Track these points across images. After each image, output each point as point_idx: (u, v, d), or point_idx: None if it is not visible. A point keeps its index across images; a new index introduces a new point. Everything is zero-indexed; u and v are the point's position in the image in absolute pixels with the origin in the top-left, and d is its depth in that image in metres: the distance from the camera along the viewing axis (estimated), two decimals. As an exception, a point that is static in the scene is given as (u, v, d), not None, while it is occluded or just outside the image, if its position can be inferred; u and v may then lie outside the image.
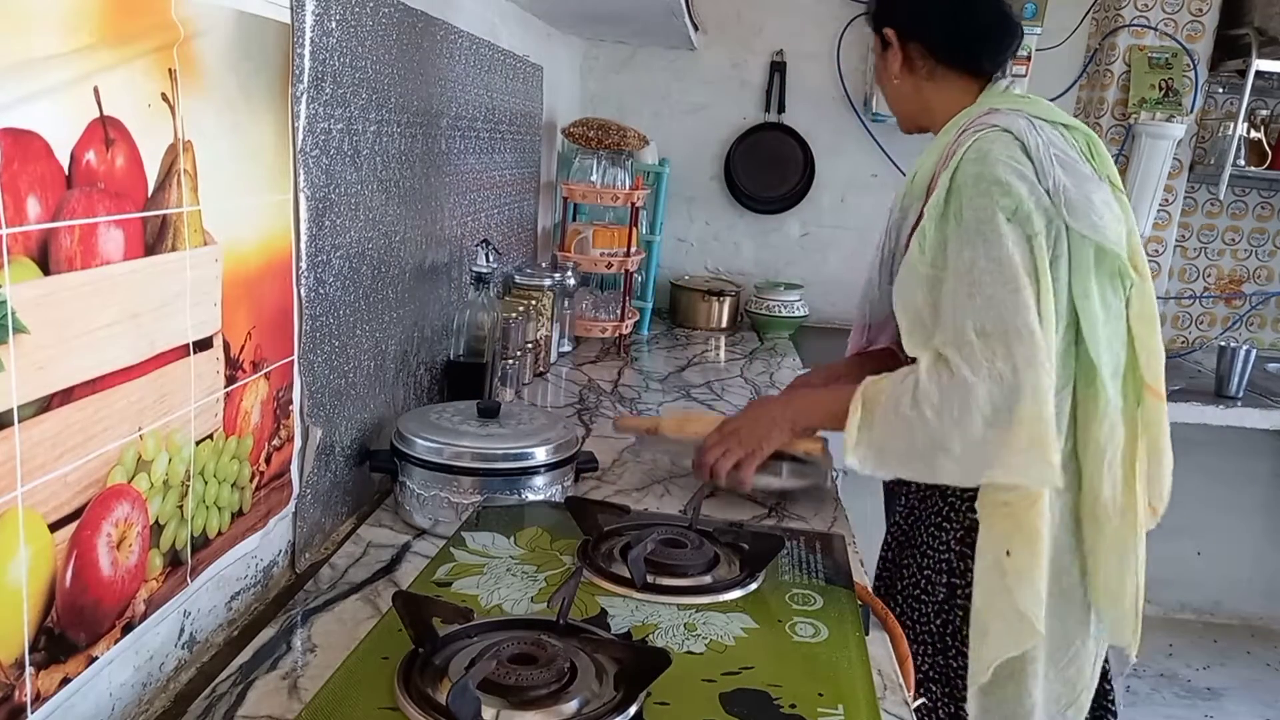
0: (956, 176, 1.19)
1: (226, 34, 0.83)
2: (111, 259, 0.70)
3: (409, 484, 1.20)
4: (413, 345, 1.43)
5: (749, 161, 2.92)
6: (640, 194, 2.26)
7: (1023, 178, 1.17)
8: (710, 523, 1.04)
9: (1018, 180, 1.16)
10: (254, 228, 0.91)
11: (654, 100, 2.91)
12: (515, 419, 1.27)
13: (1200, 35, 2.79)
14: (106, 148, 0.68)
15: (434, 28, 1.40)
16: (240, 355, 0.90)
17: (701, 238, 3.03)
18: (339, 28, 1.07)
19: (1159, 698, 2.83)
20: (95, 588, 0.72)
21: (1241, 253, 3.08)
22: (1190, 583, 3.24)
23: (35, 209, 0.61)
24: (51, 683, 0.69)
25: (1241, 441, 2.91)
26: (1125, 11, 2.77)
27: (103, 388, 0.70)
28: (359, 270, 1.20)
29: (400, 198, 1.32)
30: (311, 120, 1.02)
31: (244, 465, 0.94)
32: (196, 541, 0.87)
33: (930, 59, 1.34)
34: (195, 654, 0.91)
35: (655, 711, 0.69)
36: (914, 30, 1.34)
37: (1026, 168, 1.18)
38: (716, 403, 1.94)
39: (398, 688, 0.69)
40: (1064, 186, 1.18)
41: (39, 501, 0.65)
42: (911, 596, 1.34)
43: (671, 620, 0.83)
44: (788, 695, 0.72)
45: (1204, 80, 2.80)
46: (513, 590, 0.88)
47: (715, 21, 2.81)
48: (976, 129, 1.22)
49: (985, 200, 1.16)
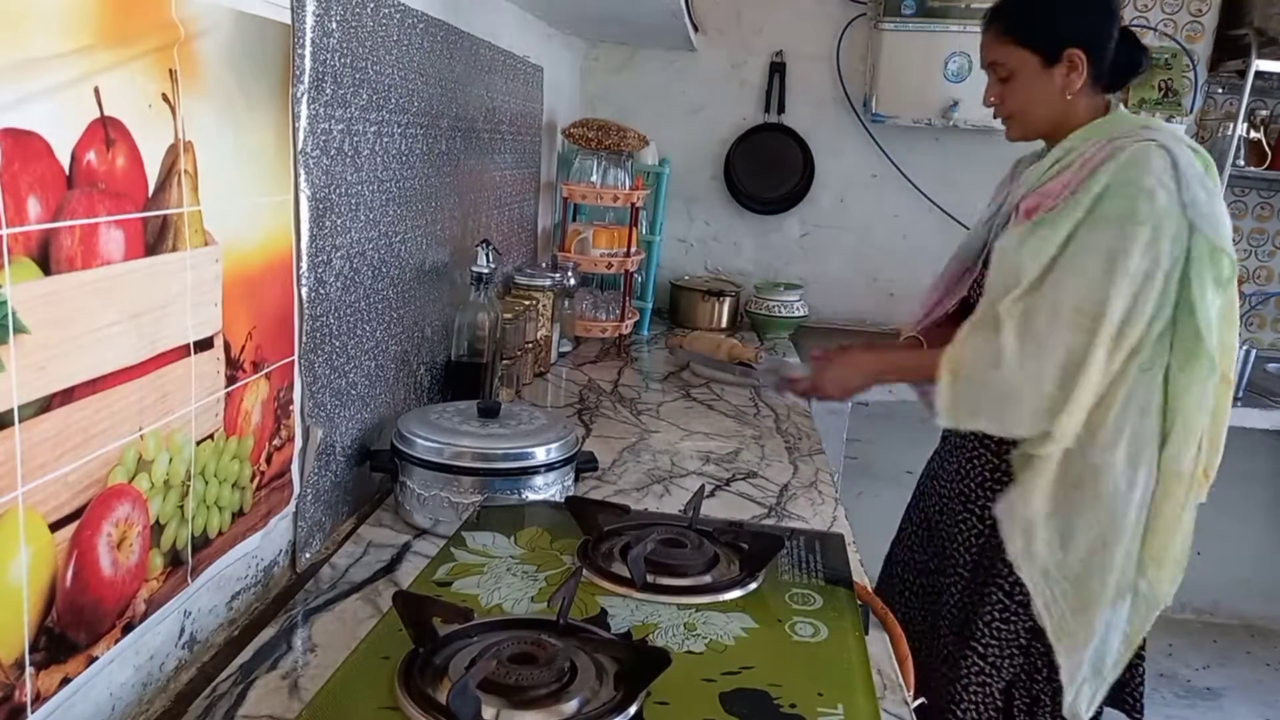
0: (1116, 174, 1.36)
1: (227, 34, 0.83)
2: (112, 259, 0.70)
3: (409, 484, 1.20)
4: (413, 345, 1.43)
5: (749, 162, 2.92)
6: (640, 194, 2.26)
7: (1168, 191, 1.35)
8: (710, 523, 1.04)
9: (1163, 192, 1.35)
10: (254, 228, 0.91)
11: (654, 101, 2.91)
12: (515, 419, 1.27)
13: (1200, 35, 2.79)
14: (107, 148, 0.68)
15: (434, 28, 1.40)
16: (241, 355, 0.91)
17: (701, 238, 3.03)
18: (339, 28, 1.07)
19: (1159, 698, 2.83)
20: (95, 587, 0.72)
21: (1241, 253, 3.08)
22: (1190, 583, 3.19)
23: (36, 209, 0.61)
24: (51, 683, 0.69)
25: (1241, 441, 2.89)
26: (1125, 12, 2.77)
27: (103, 388, 0.71)
28: (359, 270, 1.20)
29: (400, 198, 1.32)
30: (312, 121, 1.02)
31: (244, 465, 0.94)
32: (197, 541, 0.87)
33: (1089, 79, 1.47)
34: (195, 654, 0.91)
35: (655, 711, 0.69)
36: (1097, 53, 1.47)
37: (1172, 182, 1.35)
38: (716, 403, 1.94)
39: (398, 688, 0.69)
40: (1199, 200, 1.36)
41: (39, 501, 0.65)
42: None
43: (671, 620, 0.83)
44: (788, 695, 0.72)
45: (1204, 80, 2.81)
46: (513, 590, 0.88)
47: (715, 22, 2.81)
48: (1136, 139, 1.39)
49: (1129, 203, 1.35)
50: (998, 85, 1.51)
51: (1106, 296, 1.33)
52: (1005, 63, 1.49)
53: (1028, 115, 1.51)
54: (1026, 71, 1.47)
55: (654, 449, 1.61)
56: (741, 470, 1.54)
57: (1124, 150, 1.37)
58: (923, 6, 2.60)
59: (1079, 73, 1.46)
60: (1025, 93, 1.49)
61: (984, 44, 1.53)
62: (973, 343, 1.41)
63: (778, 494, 1.44)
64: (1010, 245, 1.43)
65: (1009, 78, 1.49)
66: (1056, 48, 1.45)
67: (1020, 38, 1.47)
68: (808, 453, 1.66)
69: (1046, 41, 1.46)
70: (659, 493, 1.40)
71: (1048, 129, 1.52)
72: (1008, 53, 1.48)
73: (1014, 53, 1.48)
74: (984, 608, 1.52)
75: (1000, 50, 1.49)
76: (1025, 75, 1.48)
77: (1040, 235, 1.39)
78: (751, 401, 1.97)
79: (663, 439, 1.67)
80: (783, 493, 1.45)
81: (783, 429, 1.80)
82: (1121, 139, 1.40)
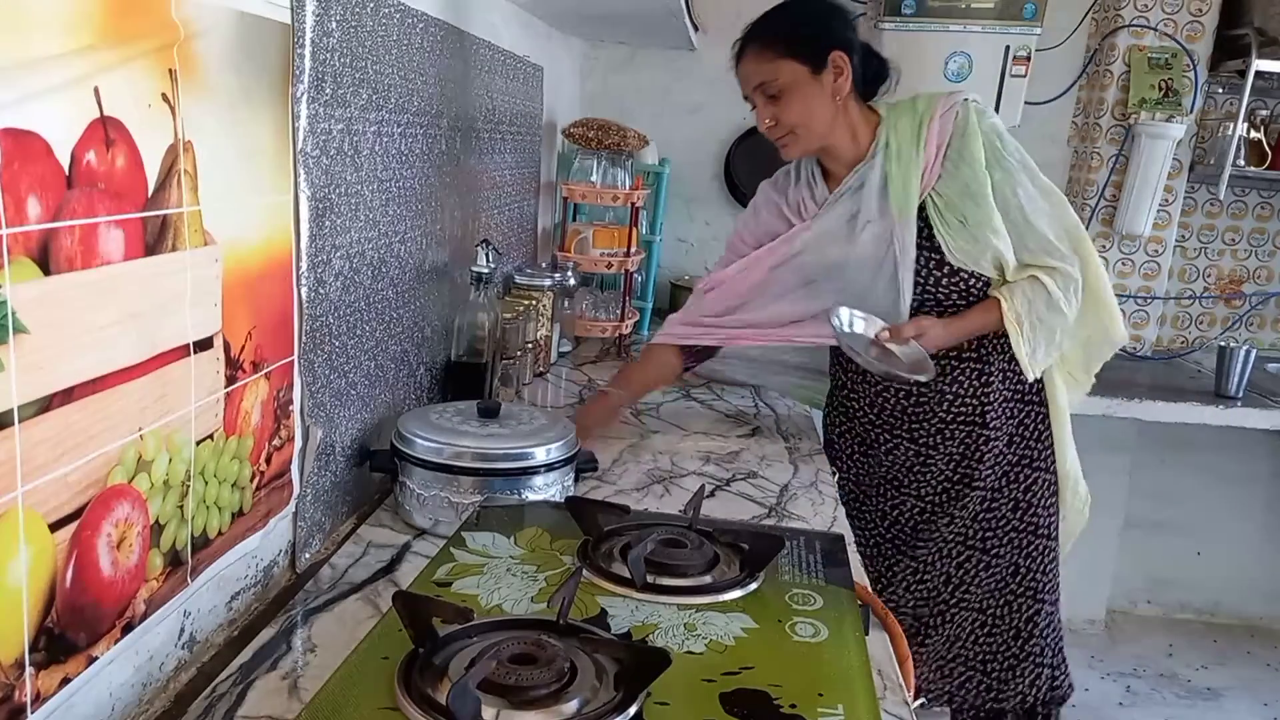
0: (975, 138, 1.52)
1: (227, 34, 0.83)
2: (112, 259, 0.70)
3: (409, 484, 1.20)
4: (413, 345, 1.43)
5: (749, 161, 2.91)
6: (640, 194, 2.26)
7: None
8: (710, 523, 1.04)
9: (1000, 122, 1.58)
10: (254, 228, 0.91)
11: (654, 100, 2.91)
12: (515, 419, 1.27)
13: (1200, 35, 2.79)
14: (107, 148, 0.68)
15: (434, 28, 1.40)
16: (240, 355, 0.90)
17: (701, 238, 3.03)
18: (339, 28, 1.07)
19: (1159, 698, 2.83)
20: (95, 588, 0.72)
21: (1241, 253, 3.08)
22: (1190, 583, 3.24)
23: (35, 209, 0.61)
24: (51, 683, 0.69)
25: (1241, 441, 2.91)
26: (1125, 12, 2.77)
27: (103, 388, 0.70)
28: (359, 270, 1.20)
29: (400, 198, 1.32)
30: (312, 120, 1.02)
31: (244, 465, 0.94)
32: (197, 541, 0.87)
33: (853, 86, 1.54)
34: (195, 654, 0.91)
35: (655, 711, 0.69)
36: (854, 56, 1.53)
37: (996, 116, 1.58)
38: (716, 403, 1.94)
39: (398, 688, 0.69)
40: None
41: (39, 501, 0.65)
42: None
43: (671, 620, 0.83)
44: (788, 695, 0.72)
45: (1204, 80, 2.80)
46: (513, 590, 0.88)
47: (715, 21, 2.80)
48: (952, 102, 1.55)
49: (1013, 143, 1.56)
50: (770, 106, 1.52)
51: (1074, 216, 1.60)
52: (774, 79, 1.50)
53: (809, 126, 1.52)
54: (797, 83, 1.50)
55: (654, 449, 1.61)
56: (741, 470, 1.54)
57: (945, 116, 1.54)
58: (923, 6, 2.60)
59: (845, 75, 1.51)
60: (801, 104, 1.51)
61: (745, 72, 1.54)
62: (1020, 298, 1.54)
63: (778, 494, 1.44)
64: (965, 243, 1.54)
65: (780, 94, 1.50)
66: (821, 53, 1.49)
67: (784, 50, 1.49)
68: (808, 453, 1.66)
69: (810, 49, 1.49)
70: (659, 493, 1.40)
71: (828, 138, 1.55)
72: (775, 69, 1.50)
73: (781, 67, 1.49)
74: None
75: (766, 69, 1.51)
76: (797, 87, 1.50)
77: (978, 218, 1.52)
78: (751, 401, 1.97)
79: (663, 439, 1.67)
80: (783, 493, 1.45)
81: (783, 429, 1.80)
82: (939, 107, 1.55)
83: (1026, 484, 1.68)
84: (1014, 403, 1.67)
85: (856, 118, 1.56)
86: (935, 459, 1.67)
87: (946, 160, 1.53)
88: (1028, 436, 1.68)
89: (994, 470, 1.67)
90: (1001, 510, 1.68)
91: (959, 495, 1.67)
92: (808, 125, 1.53)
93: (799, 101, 1.51)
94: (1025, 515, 1.69)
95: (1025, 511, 1.68)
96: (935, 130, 1.53)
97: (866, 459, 1.74)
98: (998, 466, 1.67)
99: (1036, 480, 1.69)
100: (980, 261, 1.54)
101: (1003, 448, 1.67)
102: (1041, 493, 1.69)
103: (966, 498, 1.67)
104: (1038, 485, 1.69)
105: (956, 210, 1.53)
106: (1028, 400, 1.67)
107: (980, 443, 1.65)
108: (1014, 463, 1.68)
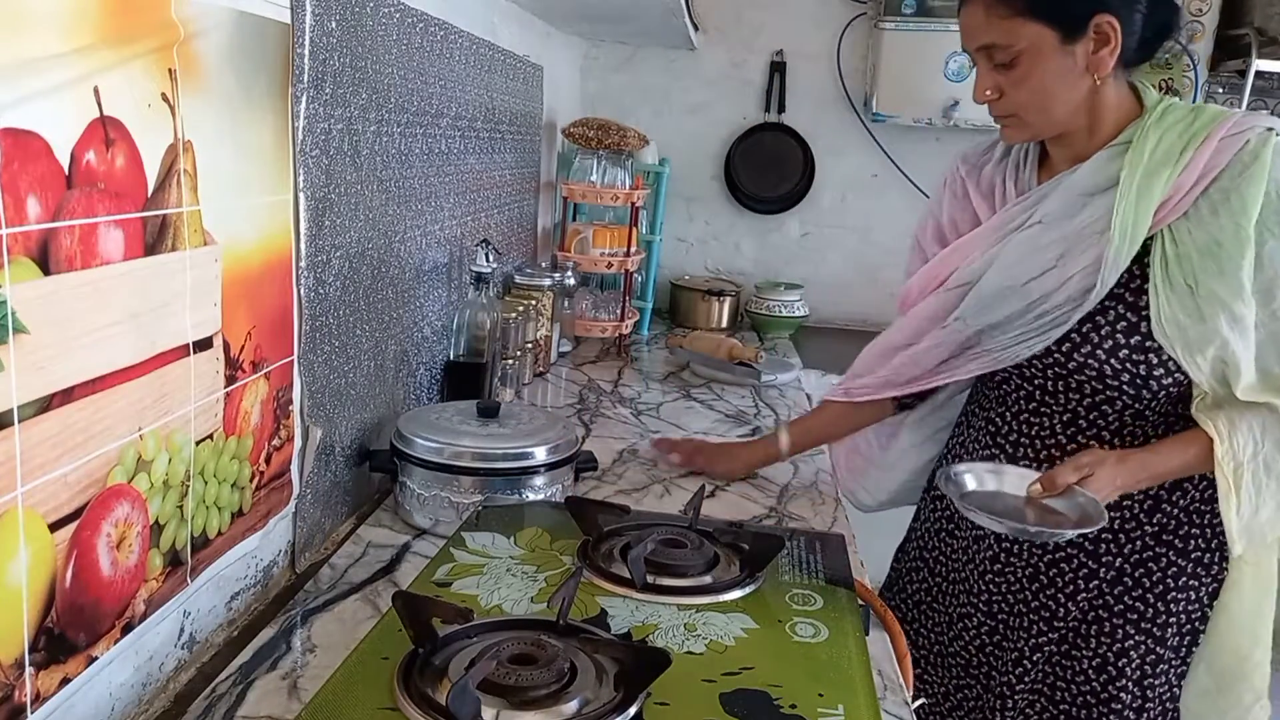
0: (1257, 183, 1.07)
1: (226, 34, 0.83)
2: (111, 259, 0.70)
3: (409, 484, 1.20)
4: (413, 345, 1.43)
5: (749, 161, 2.92)
6: (640, 194, 2.26)
7: None
8: (710, 523, 1.04)
9: None
10: (254, 228, 0.91)
11: (654, 100, 2.91)
12: (515, 419, 1.27)
13: (1200, 35, 2.78)
14: (106, 148, 0.68)
15: (434, 27, 1.40)
16: (240, 355, 0.90)
17: (701, 238, 3.03)
18: (339, 28, 1.07)
19: (1159, 698, 2.82)
20: (95, 588, 0.72)
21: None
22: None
23: (35, 209, 0.61)
24: (51, 683, 0.69)
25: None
26: (1125, 11, 2.77)
27: (103, 388, 0.70)
28: (359, 270, 1.20)
29: (400, 198, 1.32)
30: (311, 120, 1.02)
31: (244, 465, 0.94)
32: (196, 541, 0.87)
33: (1120, 55, 1.12)
34: (195, 654, 0.91)
35: (655, 711, 0.69)
36: (1129, 21, 1.11)
37: None
38: (716, 403, 1.94)
39: (398, 688, 0.69)
40: None
41: (39, 501, 0.65)
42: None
43: (671, 620, 0.83)
44: (788, 695, 0.72)
45: (1204, 80, 2.80)
46: (513, 590, 0.88)
47: (715, 21, 2.80)
48: (1232, 124, 1.10)
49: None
50: (994, 74, 1.14)
51: None
52: (1009, 44, 1.11)
53: (1045, 110, 1.14)
54: (1040, 52, 1.11)
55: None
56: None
57: (1243, 151, 1.08)
58: (923, 6, 2.61)
59: (1111, 47, 1.10)
60: (1039, 80, 1.12)
61: (969, 24, 1.15)
62: (1245, 436, 1.10)
63: (778, 494, 1.44)
64: (1189, 330, 1.09)
65: (1013, 62, 1.12)
66: (1081, 17, 1.09)
67: (1029, 5, 1.10)
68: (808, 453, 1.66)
69: (1066, 8, 1.10)
70: (659, 493, 1.40)
71: (1068, 125, 1.16)
72: (1011, 29, 1.10)
73: (1020, 29, 1.10)
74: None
75: (998, 28, 1.11)
76: (1038, 57, 1.11)
77: (1222, 285, 1.08)
78: (751, 401, 1.97)
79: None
80: (783, 493, 1.45)
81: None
82: (1232, 134, 1.10)
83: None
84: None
85: (1110, 100, 1.15)
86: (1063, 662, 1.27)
87: (1204, 197, 1.09)
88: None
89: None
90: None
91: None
92: (1044, 108, 1.14)
93: (1037, 76, 1.12)
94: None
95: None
96: (1207, 153, 1.09)
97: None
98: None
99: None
100: (1194, 352, 1.09)
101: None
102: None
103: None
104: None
105: (1189, 268, 1.09)
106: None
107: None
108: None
